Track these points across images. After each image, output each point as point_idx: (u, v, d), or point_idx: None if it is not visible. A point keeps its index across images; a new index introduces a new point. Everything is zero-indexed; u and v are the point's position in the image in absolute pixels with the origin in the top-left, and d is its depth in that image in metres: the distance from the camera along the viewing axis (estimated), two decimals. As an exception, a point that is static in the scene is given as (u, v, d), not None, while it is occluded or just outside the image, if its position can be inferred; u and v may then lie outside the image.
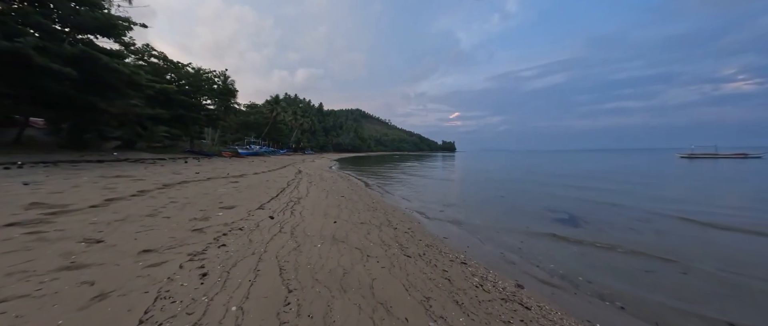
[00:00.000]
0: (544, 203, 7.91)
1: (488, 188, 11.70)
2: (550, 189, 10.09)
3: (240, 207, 5.49)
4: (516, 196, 9.15)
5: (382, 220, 5.45)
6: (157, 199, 5.65)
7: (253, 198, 6.56)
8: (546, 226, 5.67)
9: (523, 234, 5.19)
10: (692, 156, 40.44)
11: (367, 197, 8.34)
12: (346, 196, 8.14)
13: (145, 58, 29.40)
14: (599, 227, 5.55)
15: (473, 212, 6.94)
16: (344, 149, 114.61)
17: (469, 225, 5.68)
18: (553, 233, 5.27)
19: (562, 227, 5.61)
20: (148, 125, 25.37)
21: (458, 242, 4.61)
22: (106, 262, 2.63)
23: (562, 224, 5.85)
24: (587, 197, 8.24)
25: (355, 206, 6.75)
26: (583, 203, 7.30)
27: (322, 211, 5.79)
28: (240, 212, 5.07)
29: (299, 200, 6.90)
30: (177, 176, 9.71)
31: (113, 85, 15.53)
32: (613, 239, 4.78)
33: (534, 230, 5.42)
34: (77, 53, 13.07)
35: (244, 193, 7.22)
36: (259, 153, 42.24)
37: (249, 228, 4.13)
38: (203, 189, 7.28)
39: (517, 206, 7.53)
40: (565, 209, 7.03)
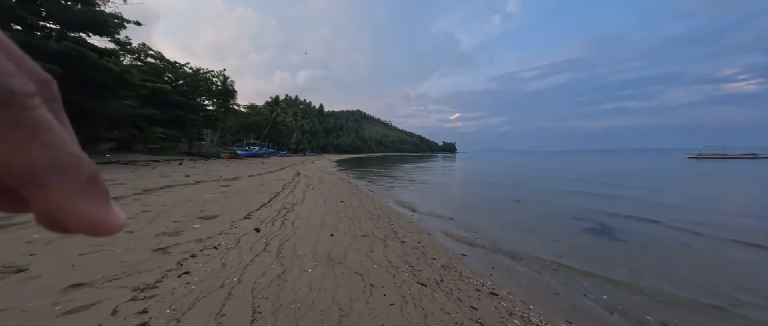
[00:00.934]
0: (566, 210, 7.15)
1: (498, 191, 10.93)
2: (568, 197, 9.29)
3: (223, 217, 4.76)
4: (532, 202, 8.38)
5: (386, 231, 4.71)
6: (128, 207, 4.93)
7: (242, 205, 5.83)
8: (579, 240, 4.91)
9: (553, 247, 4.44)
10: (700, 157, 39.58)
11: (368, 203, 7.60)
12: (345, 201, 7.40)
13: (141, 58, 28.86)
14: (647, 249, 4.75)
15: (489, 220, 6.19)
16: (345, 150, 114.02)
17: (486, 237, 4.93)
18: (591, 250, 4.53)
19: (599, 245, 4.86)
20: (144, 126, 24.71)
21: (480, 261, 3.86)
22: (9, 307, 1.89)
23: (597, 239, 5.09)
24: (612, 208, 7.34)
25: (355, 213, 6.01)
26: (612, 218, 6.44)
27: (319, 220, 5.05)
28: (221, 224, 4.34)
29: (293, 206, 6.16)
30: (163, 179, 8.99)
31: (103, 84, 14.87)
32: (670, 272, 3.92)
33: (566, 243, 4.67)
34: (63, 50, 12.40)
35: (232, 199, 6.49)
36: (259, 154, 41.59)
37: (226, 246, 3.39)
38: (187, 195, 6.56)
39: (538, 214, 6.77)
40: (594, 221, 6.27)
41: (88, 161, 0.21)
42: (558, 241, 4.77)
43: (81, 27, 15.43)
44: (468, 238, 4.89)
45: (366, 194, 9.66)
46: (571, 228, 5.48)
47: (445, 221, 6.11)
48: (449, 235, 5.04)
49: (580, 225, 5.71)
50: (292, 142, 74.46)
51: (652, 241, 4.83)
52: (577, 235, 5.12)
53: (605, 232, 5.25)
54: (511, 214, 6.73)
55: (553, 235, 5.05)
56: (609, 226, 5.59)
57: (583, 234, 5.15)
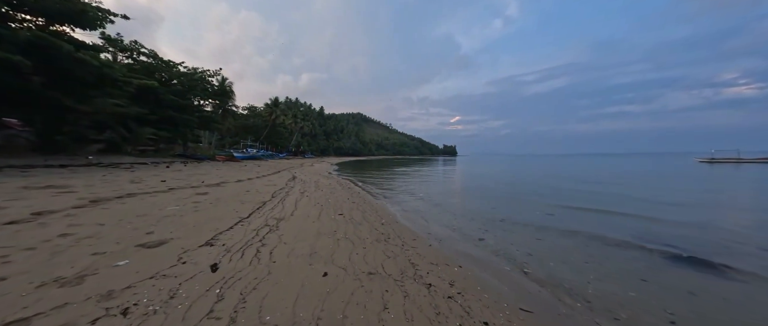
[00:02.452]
0: (616, 226, 5.81)
1: (519, 200, 9.58)
2: (603, 205, 7.90)
3: (174, 243, 3.43)
4: (565, 214, 7.01)
5: (402, 264, 3.38)
6: (46, 228, 3.60)
7: (210, 222, 4.49)
8: (681, 282, 3.55)
9: (663, 300, 3.10)
10: (713, 161, 38.20)
11: (372, 215, 6.26)
12: (345, 214, 6.06)
13: (133, 56, 27.71)
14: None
15: (531, 242, 4.83)
16: (345, 152, 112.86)
17: (543, 272, 3.58)
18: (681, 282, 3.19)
19: (688, 271, 3.53)
20: (133, 126, 23.45)
21: (558, 319, 2.52)
22: None
23: (679, 264, 3.76)
24: (665, 226, 5.98)
25: (357, 231, 4.68)
26: (680, 238, 5.10)
27: (308, 246, 3.72)
28: (165, 256, 3.01)
29: (278, 223, 4.83)
30: (131, 186, 7.66)
31: (82, 80, 13.64)
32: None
33: (670, 292, 3.31)
34: (32, 40, 11.17)
35: (203, 212, 5.16)
36: (256, 157, 40.33)
37: (148, 306, 2.06)
38: (146, 207, 5.23)
39: (587, 234, 5.41)
40: (658, 239, 4.93)
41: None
42: (647, 281, 3.42)
43: (59, 18, 14.24)
44: (519, 273, 3.53)
45: (369, 202, 8.31)
46: (648, 259, 4.12)
47: (474, 243, 4.75)
48: (487, 266, 3.68)
49: (655, 254, 4.34)
50: (292, 144, 73.21)
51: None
52: (670, 271, 3.76)
53: (701, 265, 3.89)
54: (553, 232, 5.37)
55: (638, 270, 3.68)
56: (701, 255, 4.22)
57: (674, 267, 3.80)
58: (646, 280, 3.36)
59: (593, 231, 5.32)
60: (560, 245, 4.64)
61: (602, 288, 3.17)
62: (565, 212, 6.93)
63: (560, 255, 4.18)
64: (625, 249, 4.45)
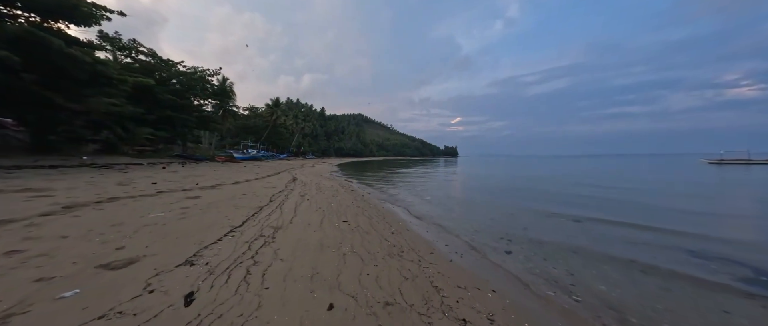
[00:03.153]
0: (653, 244, 5.15)
1: (537, 204, 8.92)
2: (634, 221, 7.15)
3: (148, 261, 2.82)
4: (593, 222, 6.36)
5: (423, 288, 2.76)
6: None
7: (197, 232, 3.89)
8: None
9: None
10: (722, 162, 37.41)
11: (380, 222, 5.65)
12: (350, 221, 5.44)
13: (132, 55, 27.26)
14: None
15: (567, 256, 4.20)
16: (346, 153, 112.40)
17: (596, 298, 2.95)
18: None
19: None
20: (130, 126, 22.93)
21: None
22: None
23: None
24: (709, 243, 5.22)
25: (366, 243, 4.06)
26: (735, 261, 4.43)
27: (309, 264, 3.10)
28: (131, 280, 2.40)
29: (275, 233, 4.21)
30: (118, 188, 7.07)
31: (75, 77, 13.09)
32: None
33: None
34: (20, 34, 10.63)
35: (190, 219, 4.56)
36: (257, 158, 39.82)
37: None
38: (125, 214, 4.62)
39: (623, 241, 4.77)
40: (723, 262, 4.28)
41: None
42: (730, 313, 2.79)
43: (52, 13, 13.72)
44: (569, 299, 2.90)
45: (374, 206, 7.69)
46: (719, 290, 3.48)
47: (501, 258, 4.12)
48: (527, 291, 3.06)
49: (720, 275, 3.71)
50: (293, 145, 72.75)
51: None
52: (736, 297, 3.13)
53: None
54: (587, 247, 4.71)
55: (712, 302, 3.04)
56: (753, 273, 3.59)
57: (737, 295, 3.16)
58: (729, 312, 2.72)
59: (630, 248, 4.68)
60: (601, 263, 4.00)
61: (668, 313, 2.53)
62: (594, 226, 6.20)
63: (604, 274, 3.55)
64: (666, 263, 3.82)
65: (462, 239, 4.97)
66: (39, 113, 14.47)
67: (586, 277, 3.40)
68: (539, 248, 4.55)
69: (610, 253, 4.27)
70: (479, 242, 4.82)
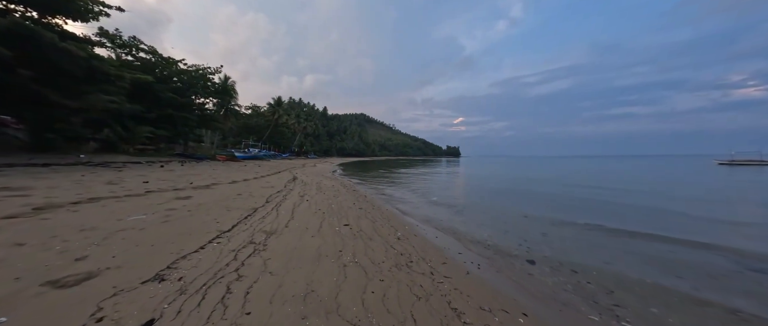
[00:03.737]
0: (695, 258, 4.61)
1: (553, 207, 8.37)
2: (664, 233, 6.54)
3: (108, 276, 2.35)
4: (620, 247, 5.80)
5: (440, 310, 2.27)
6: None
7: (177, 238, 3.42)
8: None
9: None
10: (733, 163, 36.52)
11: (384, 225, 5.16)
12: (352, 224, 4.96)
13: (133, 53, 26.99)
14: None
15: (596, 266, 3.68)
16: (348, 153, 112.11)
17: (644, 319, 2.44)
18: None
19: None
20: (130, 124, 22.65)
21: None
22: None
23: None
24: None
25: (369, 250, 3.58)
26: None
27: (303, 279, 2.62)
28: (80, 302, 1.93)
29: (268, 239, 3.74)
30: (105, 188, 6.64)
31: (70, 73, 12.73)
32: None
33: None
34: (11, 28, 10.26)
35: (174, 223, 4.09)
36: (258, 157, 39.50)
37: None
38: (101, 216, 4.16)
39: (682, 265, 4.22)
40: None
41: None
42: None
43: (46, 7, 13.37)
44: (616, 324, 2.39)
45: (378, 208, 7.20)
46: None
47: (525, 270, 3.60)
48: (566, 314, 2.55)
49: None
50: (295, 145, 72.50)
51: None
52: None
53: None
54: (617, 252, 4.19)
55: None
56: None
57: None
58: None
59: (670, 263, 4.15)
60: (641, 276, 3.47)
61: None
62: (622, 237, 5.61)
63: (651, 292, 3.02)
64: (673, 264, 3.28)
65: (476, 246, 4.46)
66: (35, 111, 14.15)
67: (632, 298, 2.88)
68: (564, 256, 4.03)
69: (648, 265, 3.75)
70: (496, 249, 4.31)
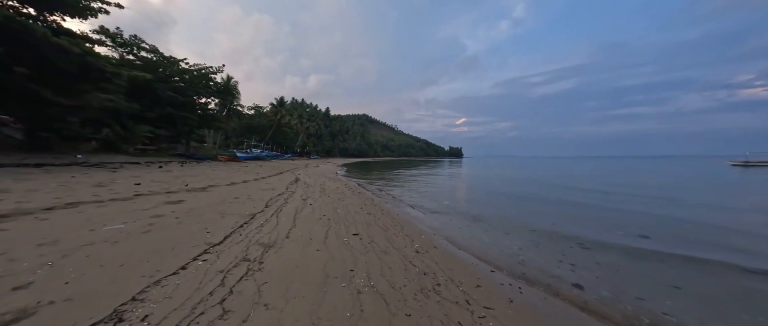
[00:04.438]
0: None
1: (582, 217, 7.71)
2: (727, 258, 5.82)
3: (47, 313, 1.76)
4: (684, 271, 5.12)
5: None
6: None
7: (155, 255, 2.83)
8: None
9: None
10: (747, 164, 35.48)
11: (399, 235, 4.55)
12: (362, 234, 4.36)
13: (134, 52, 26.63)
14: None
15: (655, 286, 3.04)
16: (351, 154, 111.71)
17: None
18: None
19: None
20: (129, 124, 22.26)
21: None
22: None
23: None
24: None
25: (385, 268, 2.97)
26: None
27: (307, 313, 2.01)
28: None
29: (264, 254, 3.13)
30: (90, 191, 6.08)
31: (64, 70, 12.27)
32: None
33: None
34: (1, 22, 9.80)
35: (156, 234, 3.51)
36: (260, 157, 39.07)
37: None
38: (72, 226, 3.59)
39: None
40: None
41: None
42: None
43: (46, 5, 12.94)
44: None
45: (388, 213, 6.59)
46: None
47: (573, 292, 2.97)
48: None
49: None
50: (297, 145, 72.13)
51: None
52: None
53: None
54: (686, 273, 3.54)
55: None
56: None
57: None
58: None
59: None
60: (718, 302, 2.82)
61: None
62: (682, 266, 4.93)
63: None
64: None
65: (509, 262, 3.82)
66: (29, 109, 13.72)
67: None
68: (615, 277, 3.39)
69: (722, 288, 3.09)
70: (533, 266, 3.67)
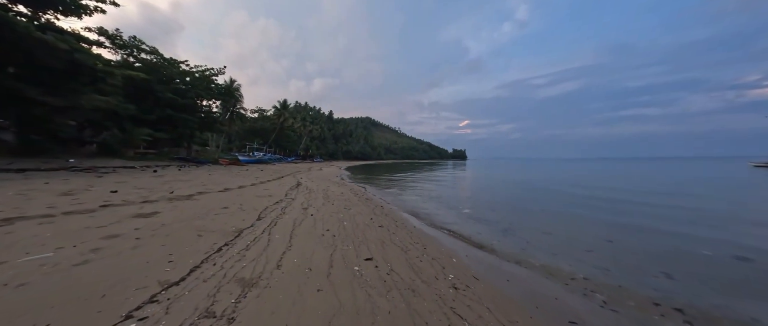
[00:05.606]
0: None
1: (616, 222, 6.62)
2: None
3: None
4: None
5: None
6: None
7: (76, 304, 1.84)
8: None
9: None
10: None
11: (423, 258, 3.53)
12: (376, 258, 3.33)
13: (134, 54, 26.07)
14: None
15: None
16: (354, 156, 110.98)
17: None
18: None
19: None
20: (128, 126, 21.56)
21: None
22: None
23: None
24: None
25: (420, 321, 1.93)
26: None
27: None
28: None
29: (241, 298, 2.12)
30: (54, 199, 5.15)
31: (52, 68, 11.51)
32: None
33: None
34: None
35: (96, 264, 2.52)
36: (263, 161, 38.32)
37: None
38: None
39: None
40: None
41: None
42: None
43: (39, 3, 12.24)
44: None
45: (402, 224, 5.55)
46: None
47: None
48: None
49: None
50: (301, 148, 71.47)
51: None
52: None
53: None
54: None
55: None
56: None
57: None
58: None
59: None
60: None
61: None
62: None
63: None
64: None
65: (591, 304, 2.75)
66: (15, 109, 12.97)
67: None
68: (722, 302, 2.31)
69: None
70: (618, 293, 2.60)
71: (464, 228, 5.77)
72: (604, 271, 3.55)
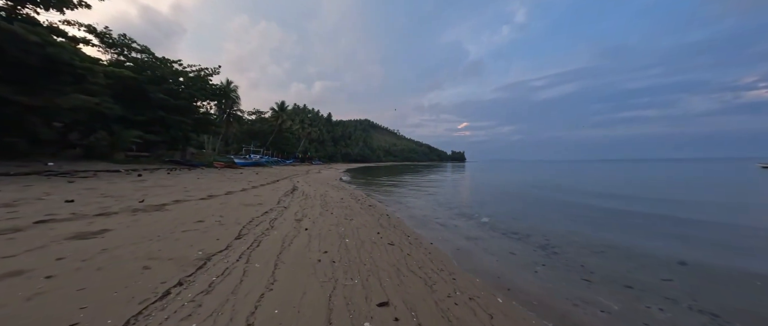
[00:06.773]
0: None
1: (652, 230, 5.64)
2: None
3: None
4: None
5: None
6: None
7: None
8: None
9: None
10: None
11: (451, 291, 2.51)
12: (392, 301, 2.32)
13: (125, 53, 25.05)
14: None
15: None
16: (353, 159, 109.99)
17: None
18: None
19: None
20: (117, 128, 20.49)
21: None
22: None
23: None
24: None
25: None
26: None
27: None
28: None
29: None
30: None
31: (21, 63, 10.47)
32: None
33: None
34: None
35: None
36: (259, 163, 37.21)
37: None
38: None
39: None
40: None
41: None
42: None
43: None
44: None
45: (416, 241, 4.54)
46: None
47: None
48: None
49: None
50: (299, 150, 70.38)
51: None
52: None
53: None
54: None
55: None
56: None
57: None
58: None
59: None
60: None
61: None
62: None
63: None
64: None
65: None
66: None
67: None
68: None
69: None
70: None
71: (492, 245, 4.76)
72: (712, 318, 2.54)
